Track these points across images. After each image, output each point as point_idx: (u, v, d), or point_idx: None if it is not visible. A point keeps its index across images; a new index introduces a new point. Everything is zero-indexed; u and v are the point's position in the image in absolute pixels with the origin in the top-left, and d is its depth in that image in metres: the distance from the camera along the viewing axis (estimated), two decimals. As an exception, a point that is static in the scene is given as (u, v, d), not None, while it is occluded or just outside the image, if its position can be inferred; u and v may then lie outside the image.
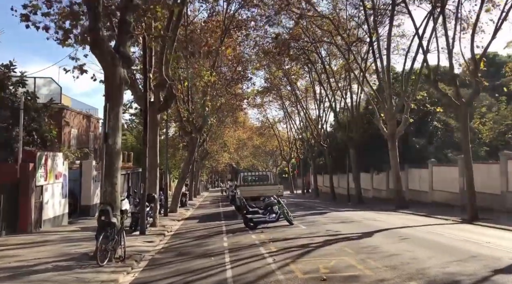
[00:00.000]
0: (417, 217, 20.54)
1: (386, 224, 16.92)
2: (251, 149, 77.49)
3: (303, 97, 49.75)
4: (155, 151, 17.07)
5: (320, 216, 20.94)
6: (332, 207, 27.24)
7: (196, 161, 42.94)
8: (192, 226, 18.53)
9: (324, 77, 38.55)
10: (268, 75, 47.25)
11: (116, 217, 10.11)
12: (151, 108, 16.56)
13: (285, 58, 41.55)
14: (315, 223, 17.34)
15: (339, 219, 19.03)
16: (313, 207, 27.28)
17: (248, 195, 21.38)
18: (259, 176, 24.54)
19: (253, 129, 70.48)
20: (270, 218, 16.19)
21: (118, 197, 10.73)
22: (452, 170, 27.04)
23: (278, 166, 76.16)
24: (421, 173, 30.84)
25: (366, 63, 32.94)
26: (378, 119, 27.89)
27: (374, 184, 39.57)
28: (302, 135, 51.95)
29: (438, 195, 28.33)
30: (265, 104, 55.19)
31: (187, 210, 27.82)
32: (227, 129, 53.19)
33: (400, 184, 27.11)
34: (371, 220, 18.61)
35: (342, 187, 46.12)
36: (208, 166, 57.26)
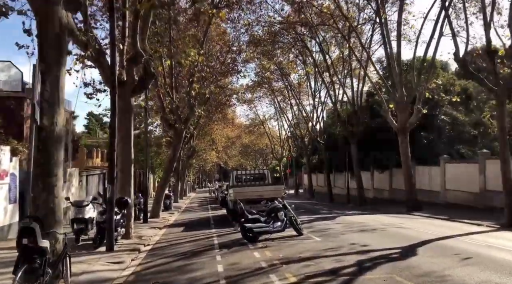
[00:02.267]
0: (442, 222, 17.20)
1: (418, 232, 13.48)
2: (240, 148, 73.87)
3: (297, 92, 46.32)
4: (129, 144, 13.33)
5: (329, 221, 17.43)
6: (336, 210, 23.77)
7: (182, 160, 39.12)
8: (175, 236, 14.82)
9: (323, 66, 35.04)
10: (259, 69, 43.75)
11: (54, 237, 6.43)
12: (122, 88, 12.84)
13: (278, 48, 38.28)
14: (329, 233, 13.80)
15: (355, 226, 15.53)
16: (315, 210, 23.78)
17: (244, 198, 17.73)
18: (255, 175, 20.93)
19: (242, 127, 66.86)
20: (275, 227, 12.61)
21: (60, 207, 7.05)
22: (470, 168, 23.83)
23: (269, 165, 72.55)
24: (431, 171, 27.57)
25: (370, 47, 29.52)
26: (386, 111, 24.49)
27: (375, 183, 36.28)
28: (295, 131, 48.47)
29: (453, 196, 25.09)
30: (256, 100, 51.61)
31: (172, 214, 24.07)
32: (215, 126, 49.48)
33: (413, 184, 23.77)
34: (394, 226, 15.17)
35: (338, 187, 42.76)
36: (195, 166, 53.47)
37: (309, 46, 36.06)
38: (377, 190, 35.69)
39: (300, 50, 36.14)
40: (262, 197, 17.50)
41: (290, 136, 52.29)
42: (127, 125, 13.22)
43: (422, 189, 27.59)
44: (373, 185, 36.34)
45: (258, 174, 20.92)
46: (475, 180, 22.98)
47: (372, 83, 27.44)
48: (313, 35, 31.76)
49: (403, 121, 23.35)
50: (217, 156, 63.67)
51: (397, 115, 24.17)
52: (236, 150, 76.25)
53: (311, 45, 35.78)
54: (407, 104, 23.51)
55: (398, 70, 23.22)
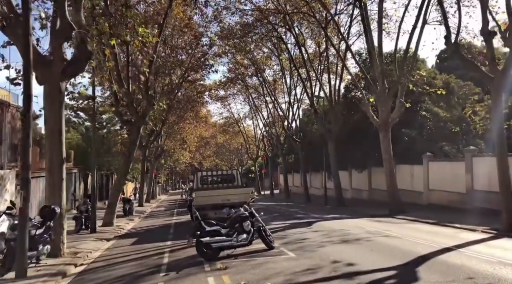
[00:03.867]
0: (431, 228, 15.11)
1: (409, 243, 11.24)
2: (215, 148, 71.12)
3: (272, 89, 44.03)
4: (58, 139, 10.60)
5: (305, 228, 15.04)
6: (313, 213, 21.46)
7: (149, 160, 36.24)
8: (121, 251, 12.14)
9: (299, 61, 32.74)
10: (232, 64, 41.27)
11: None
12: (48, 70, 10.15)
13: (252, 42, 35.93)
14: (305, 245, 11.39)
15: (336, 234, 13.19)
16: (290, 214, 21.40)
17: (208, 203, 15.23)
18: (223, 176, 18.38)
19: (217, 127, 64.14)
20: (239, 240, 10.13)
21: None
22: (455, 166, 21.96)
23: (244, 165, 70.05)
24: (413, 170, 25.66)
25: (349, 37, 27.37)
26: (366, 105, 22.38)
27: (353, 183, 34.29)
28: (270, 130, 46.13)
29: (437, 196, 23.20)
30: (229, 97, 49.09)
31: (131, 220, 21.30)
32: (187, 125, 46.66)
33: (395, 184, 21.70)
34: (380, 235, 12.92)
35: (314, 187, 40.72)
36: (167, 167, 50.47)
37: (285, 39, 33.79)
38: (355, 190, 33.69)
39: (275, 44, 33.84)
40: (229, 202, 15.04)
41: (265, 135, 49.89)
42: (55, 116, 10.51)
43: (404, 189, 25.60)
44: (351, 185, 34.34)
45: (226, 175, 18.39)
46: (461, 180, 21.12)
47: (351, 75, 25.27)
48: (289, 27, 29.42)
49: (384, 116, 21.26)
50: (190, 157, 60.78)
51: (377, 110, 22.09)
52: (211, 150, 73.53)
53: (286, 38, 33.48)
54: (389, 97, 21.44)
55: (379, 60, 21.11)
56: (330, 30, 28.10)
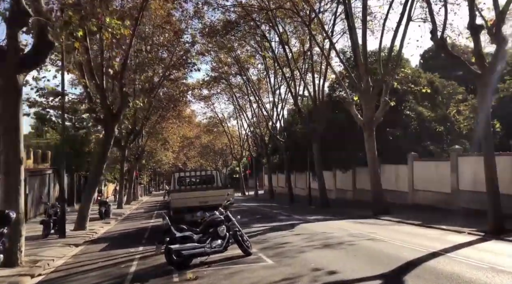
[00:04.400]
0: (416, 229, 14.52)
1: (395, 247, 10.56)
2: (199, 148, 70.04)
3: (257, 89, 43.29)
4: (15, 138, 9.64)
5: (287, 231, 14.28)
6: (296, 215, 20.73)
7: (129, 161, 35.12)
8: (87, 258, 11.19)
9: (283, 60, 32.01)
10: (215, 62, 40.41)
11: None
12: (1, 61, 9.18)
13: (235, 40, 35.14)
14: (286, 250, 10.63)
15: (318, 238, 12.45)
16: (272, 216, 20.62)
17: (185, 205, 14.37)
18: (202, 177, 17.51)
19: (201, 127, 63.09)
20: (214, 247, 9.31)
21: None
22: (440, 166, 21.49)
23: (229, 166, 69.11)
24: (398, 170, 25.15)
25: (333, 35, 26.79)
26: (350, 103, 21.76)
27: (337, 183, 33.71)
28: (255, 130, 45.35)
29: (422, 197, 22.71)
30: (213, 97, 48.18)
31: (107, 223, 20.29)
32: (170, 125, 45.61)
33: (379, 184, 21.09)
34: (365, 238, 12.23)
35: (299, 188, 40.05)
36: (149, 167, 49.29)
37: (268, 38, 33.07)
38: (340, 191, 33.12)
39: (259, 42, 33.08)
40: (207, 204, 14.23)
41: (250, 135, 49.06)
42: (11, 111, 9.55)
43: (388, 189, 25.07)
44: (336, 185, 33.76)
45: (205, 176, 17.52)
46: (446, 180, 20.65)
47: (336, 74, 24.63)
48: (272, 24, 28.66)
49: (369, 114, 20.66)
50: (174, 157, 59.64)
51: (362, 109, 21.49)
52: (195, 150, 72.46)
53: (270, 37, 32.78)
54: (373, 96, 20.84)
55: (364, 58, 20.50)
56: (314, 28, 27.47)
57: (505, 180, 15.06)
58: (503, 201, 13.26)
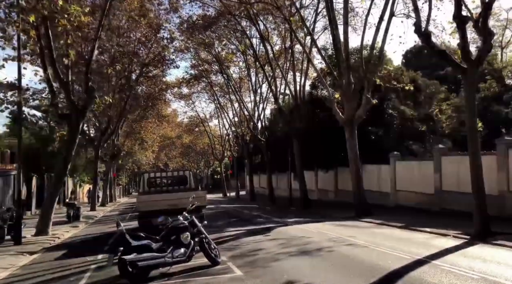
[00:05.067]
0: (399, 232, 13.73)
1: (377, 254, 9.67)
2: (181, 148, 68.65)
3: (238, 87, 42.24)
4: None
5: (262, 236, 13.29)
6: (275, 217, 19.77)
7: (105, 161, 33.73)
8: (34, 271, 9.93)
9: (264, 58, 31.04)
10: (195, 60, 39.22)
11: None
12: None
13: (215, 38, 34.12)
14: (258, 258, 9.64)
15: (294, 243, 11.50)
16: (250, 219, 19.61)
17: (152, 209, 13.27)
18: (174, 178, 16.40)
19: (182, 126, 61.72)
20: (176, 256, 8.26)
21: None
22: (423, 165, 20.83)
23: (211, 166, 67.82)
24: (380, 170, 24.44)
25: (314, 31, 25.98)
26: (332, 101, 20.93)
27: (319, 184, 32.93)
28: (236, 130, 44.31)
29: (404, 197, 22.03)
30: (194, 96, 46.95)
31: (75, 227, 19.02)
32: (149, 124, 44.24)
33: (361, 184, 20.30)
34: (344, 243, 11.33)
35: (280, 188, 39.17)
36: (128, 168, 47.77)
37: (249, 35, 32.07)
38: (321, 191, 32.34)
39: (239, 39, 32.07)
40: (176, 207, 13.16)
41: (231, 134, 47.95)
42: None
43: (370, 190, 24.35)
44: (318, 185, 32.98)
45: (177, 177, 16.41)
46: (429, 180, 19.98)
47: (317, 71, 23.78)
48: (252, 19, 27.66)
49: (350, 112, 19.84)
50: (154, 157, 58.17)
51: (343, 106, 20.67)
52: (177, 151, 71.06)
53: (251, 34, 31.78)
54: (355, 93, 20.04)
55: (345, 54, 19.67)
56: (294, 22, 26.65)
57: (490, 180, 14.37)
58: (487, 202, 12.54)
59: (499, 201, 15.84)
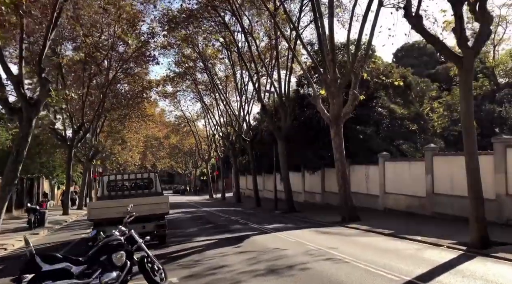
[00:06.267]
0: (387, 242, 12.14)
1: (359, 273, 8.02)
2: (168, 149, 66.75)
3: (223, 86, 40.55)
4: None
5: (232, 247, 11.54)
6: (254, 223, 18.05)
7: (82, 162, 31.85)
8: None
9: (249, 56, 29.39)
10: (179, 57, 37.45)
11: None
12: None
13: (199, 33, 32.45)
14: (216, 280, 7.90)
15: (265, 258, 9.81)
16: (227, 225, 17.82)
17: (104, 217, 11.51)
18: (137, 181, 14.65)
19: (170, 126, 59.86)
20: (105, 282, 6.51)
21: None
22: (414, 166, 19.27)
23: (199, 167, 65.97)
24: (368, 171, 22.84)
25: (299, 24, 24.34)
26: (316, 97, 19.29)
27: (306, 186, 31.28)
28: (222, 129, 42.60)
29: (394, 201, 20.45)
30: (179, 94, 45.16)
31: (34, 234, 17.14)
32: (132, 123, 42.30)
33: (348, 187, 18.68)
34: (323, 257, 9.67)
35: (268, 190, 37.51)
36: (111, 169, 45.81)
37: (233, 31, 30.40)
38: (308, 194, 30.70)
39: (223, 35, 30.37)
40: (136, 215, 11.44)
41: (217, 134, 46.16)
42: None
43: (358, 192, 22.83)
44: (305, 187, 31.34)
45: (140, 180, 14.67)
46: (420, 182, 18.42)
47: (301, 65, 22.12)
48: (235, 14, 25.96)
49: (336, 109, 18.20)
50: (139, 158, 56.23)
51: (329, 103, 19.05)
52: (164, 151, 69.14)
53: (235, 28, 30.13)
54: (341, 88, 18.41)
55: (330, 45, 18.03)
56: (280, 17, 25.10)
57: (486, 182, 12.80)
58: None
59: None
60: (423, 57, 45.45)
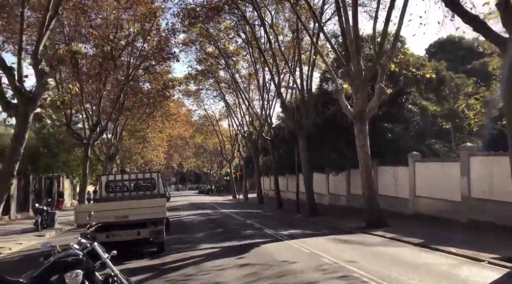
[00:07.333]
0: (415, 254, 10.44)
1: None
2: (193, 148, 66.13)
3: (247, 85, 39.34)
4: None
5: (234, 259, 10.06)
6: (269, 228, 16.50)
7: (101, 161, 31.28)
8: None
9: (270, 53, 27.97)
10: (201, 54, 36.47)
11: None
12: None
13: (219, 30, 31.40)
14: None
15: (269, 274, 8.31)
16: (239, 230, 16.33)
17: (101, 220, 10.29)
18: (138, 182, 13.42)
19: (195, 125, 59.13)
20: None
21: None
22: (448, 167, 17.27)
23: (223, 167, 64.94)
24: (397, 173, 20.89)
25: (322, 14, 22.76)
26: (339, 92, 17.59)
27: (330, 187, 29.49)
28: (244, 129, 41.32)
29: (425, 205, 18.46)
30: (201, 93, 44.21)
31: (39, 236, 16.33)
32: (155, 123, 41.67)
33: (373, 189, 16.93)
34: (337, 274, 8.09)
35: (291, 191, 35.89)
36: (134, 168, 45.38)
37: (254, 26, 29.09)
38: (333, 196, 28.90)
39: (240, 27, 29.13)
40: (126, 220, 10.27)
41: (240, 134, 44.88)
42: None
43: (386, 195, 20.98)
44: (329, 189, 29.55)
45: (142, 180, 13.46)
46: (455, 184, 16.39)
47: (322, 57, 20.42)
48: (254, 7, 24.56)
49: (360, 104, 16.45)
50: (164, 158, 55.79)
51: (352, 98, 17.33)
52: (190, 151, 68.63)
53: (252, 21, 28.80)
54: (366, 81, 16.65)
55: (354, 33, 16.30)
56: (302, 11, 23.59)
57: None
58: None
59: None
60: (458, 52, 42.61)
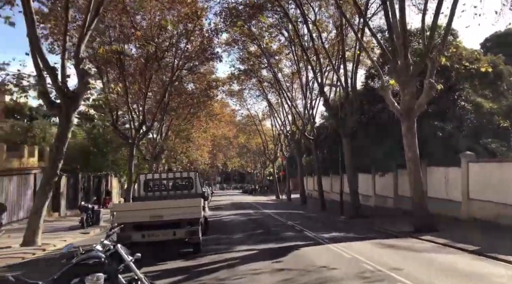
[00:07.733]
0: (468, 261, 9.57)
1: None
2: (237, 148, 66.35)
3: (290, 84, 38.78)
4: None
5: (270, 263, 9.52)
6: (311, 231, 15.87)
7: (147, 160, 31.89)
8: None
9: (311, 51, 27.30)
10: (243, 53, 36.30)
11: None
12: None
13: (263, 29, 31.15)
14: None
15: (305, 280, 7.78)
16: (277, 232, 15.73)
17: (131, 221, 10.18)
18: (175, 181, 13.25)
19: (239, 125, 59.30)
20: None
21: None
22: (505, 168, 15.84)
23: (267, 167, 64.63)
24: (448, 174, 19.53)
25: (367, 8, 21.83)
26: (385, 88, 16.63)
27: (376, 189, 28.28)
28: (286, 128, 40.76)
29: (479, 209, 17.05)
30: (244, 92, 44.14)
31: (84, 234, 16.67)
32: (199, 123, 42.05)
33: (422, 191, 15.87)
34: (380, 282, 7.44)
35: (336, 192, 34.86)
36: (179, 167, 46.09)
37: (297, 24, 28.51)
38: (379, 197, 27.70)
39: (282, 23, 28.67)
40: (161, 219, 10.08)
41: (283, 133, 44.33)
42: None
43: (436, 198, 19.70)
44: (375, 191, 28.35)
45: (179, 179, 13.28)
46: (514, 187, 15.01)
47: (367, 53, 19.43)
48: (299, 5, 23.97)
49: (407, 100, 15.44)
50: (209, 157, 56.33)
51: (399, 95, 16.33)
52: (234, 150, 68.96)
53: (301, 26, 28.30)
54: (413, 77, 15.61)
55: (401, 26, 15.32)
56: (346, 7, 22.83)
57: None
58: None
59: None
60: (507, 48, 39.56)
